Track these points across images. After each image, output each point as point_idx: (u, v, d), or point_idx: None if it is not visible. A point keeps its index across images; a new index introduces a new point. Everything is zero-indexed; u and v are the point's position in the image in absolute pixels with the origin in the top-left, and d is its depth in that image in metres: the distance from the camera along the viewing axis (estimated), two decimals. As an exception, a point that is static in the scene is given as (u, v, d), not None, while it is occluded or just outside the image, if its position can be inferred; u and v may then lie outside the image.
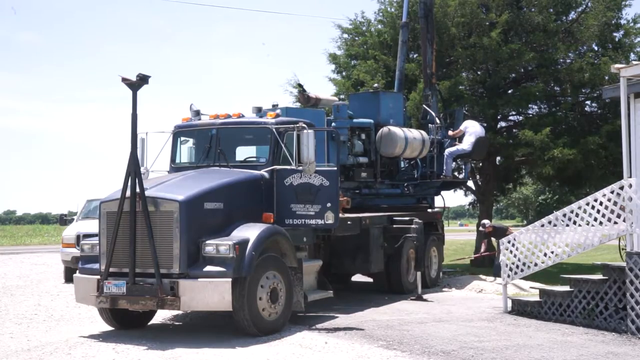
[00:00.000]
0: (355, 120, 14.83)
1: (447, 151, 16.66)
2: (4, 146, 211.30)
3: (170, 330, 10.65)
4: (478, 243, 20.40)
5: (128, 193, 9.54)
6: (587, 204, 10.74)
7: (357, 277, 15.89)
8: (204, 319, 11.45)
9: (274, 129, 10.96)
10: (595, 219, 10.62)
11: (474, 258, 18.90)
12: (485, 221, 17.52)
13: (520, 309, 11.56)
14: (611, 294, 10.15)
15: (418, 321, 10.87)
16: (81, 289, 10.14)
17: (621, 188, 10.25)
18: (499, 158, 20.50)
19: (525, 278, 13.23)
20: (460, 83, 19.65)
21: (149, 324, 10.85)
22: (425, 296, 13.52)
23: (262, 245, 9.73)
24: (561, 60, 19.62)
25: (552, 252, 11.27)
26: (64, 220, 19.26)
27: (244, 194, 10.44)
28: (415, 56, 20.35)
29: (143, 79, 9.81)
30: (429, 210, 17.07)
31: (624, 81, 10.31)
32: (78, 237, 15.90)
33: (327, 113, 15.26)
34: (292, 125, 11.01)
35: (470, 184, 21.21)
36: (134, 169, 9.61)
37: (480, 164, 20.62)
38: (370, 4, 45.26)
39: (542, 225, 11.49)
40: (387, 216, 14.33)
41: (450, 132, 16.96)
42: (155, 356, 8.48)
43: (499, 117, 20.49)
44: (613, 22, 19.57)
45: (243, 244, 9.45)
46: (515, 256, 11.84)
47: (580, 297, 10.56)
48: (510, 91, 20.38)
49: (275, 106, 12.59)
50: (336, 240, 12.75)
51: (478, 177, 21.54)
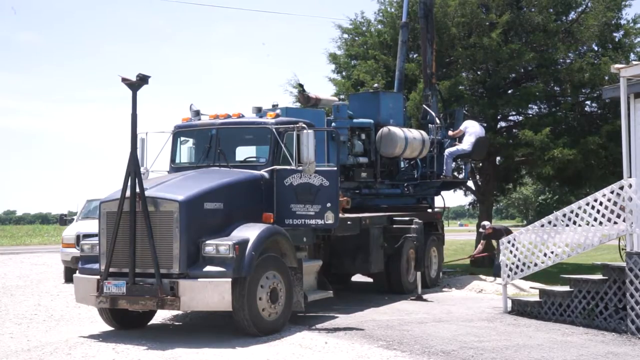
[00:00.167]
0: (355, 120, 14.83)
1: (447, 151, 16.66)
2: (4, 146, 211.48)
3: (170, 330, 10.65)
4: (478, 244, 20.39)
5: (128, 193, 9.54)
6: (587, 204, 10.74)
7: (357, 277, 15.89)
8: (204, 319, 11.45)
9: (273, 129, 10.95)
10: (595, 219, 10.62)
11: (473, 258, 18.88)
12: (486, 223, 17.52)
13: (520, 309, 11.56)
14: (611, 294, 10.15)
15: (418, 321, 10.87)
16: (81, 289, 10.15)
17: (621, 188, 10.25)
18: (499, 158, 20.49)
19: (525, 278, 13.22)
20: (460, 83, 19.66)
21: (149, 324, 10.85)
22: (425, 296, 13.52)
23: (262, 245, 9.73)
24: (561, 60, 19.62)
25: (552, 252, 11.27)
26: (64, 220, 19.27)
27: (244, 194, 10.44)
28: (415, 56, 20.35)
29: (143, 79, 9.81)
30: (429, 210, 17.10)
31: (624, 81, 10.31)
32: (78, 237, 15.91)
33: (327, 113, 15.25)
34: (292, 125, 11.00)
35: (470, 184, 21.21)
36: (134, 169, 9.61)
37: (480, 164, 20.62)
38: (370, 4, 45.33)
39: (542, 226, 11.48)
40: (387, 216, 14.33)
41: (450, 132, 16.96)
42: (155, 356, 8.48)
43: (499, 117, 20.49)
44: (613, 22, 19.57)
45: (243, 244, 9.45)
46: (515, 256, 11.83)
47: (580, 297, 10.56)
48: (510, 91, 20.38)
49: (275, 106, 12.59)
50: (336, 240, 12.75)
51: (478, 177, 21.53)
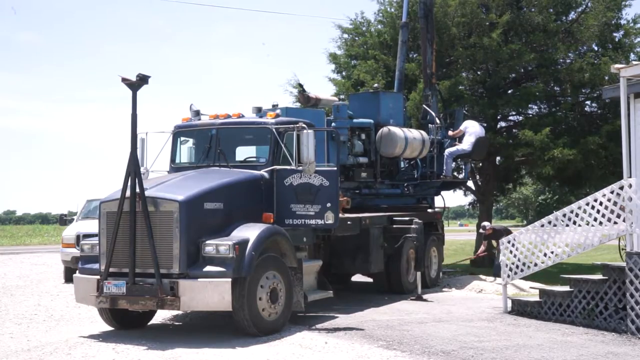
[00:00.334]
0: (355, 120, 14.83)
1: (447, 151, 16.66)
2: (4, 146, 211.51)
3: (170, 330, 10.65)
4: (478, 244, 20.41)
5: (128, 193, 9.54)
6: (587, 204, 10.74)
7: (357, 277, 15.88)
8: (204, 319, 11.45)
9: (273, 129, 10.95)
10: (595, 219, 10.62)
11: (474, 257, 18.89)
12: (485, 223, 17.51)
13: (520, 309, 11.56)
14: (611, 294, 10.15)
15: (418, 321, 10.87)
16: (81, 289, 10.14)
17: (621, 188, 10.24)
18: (499, 158, 20.49)
19: (525, 278, 13.22)
20: (460, 83, 19.66)
21: (149, 324, 10.85)
22: (425, 296, 13.52)
23: (262, 246, 9.73)
24: (561, 60, 19.63)
25: (552, 252, 11.27)
26: (63, 220, 19.27)
27: (244, 194, 10.44)
28: (415, 56, 20.35)
29: (143, 79, 9.81)
30: (429, 210, 17.09)
31: (623, 81, 10.31)
32: (78, 237, 15.91)
33: (327, 113, 15.25)
34: (292, 125, 11.00)
35: (470, 184, 21.21)
36: (134, 169, 9.61)
37: (480, 164, 20.62)
38: (370, 4, 45.32)
39: (542, 226, 11.48)
40: (387, 216, 14.33)
41: (450, 132, 16.96)
42: (155, 356, 8.48)
43: (499, 117, 20.49)
44: (613, 22, 19.58)
45: (243, 244, 9.45)
46: (515, 256, 11.83)
47: (580, 297, 10.56)
48: (510, 91, 20.38)
49: (275, 106, 12.59)
50: (336, 240, 12.74)
51: (478, 177, 21.53)
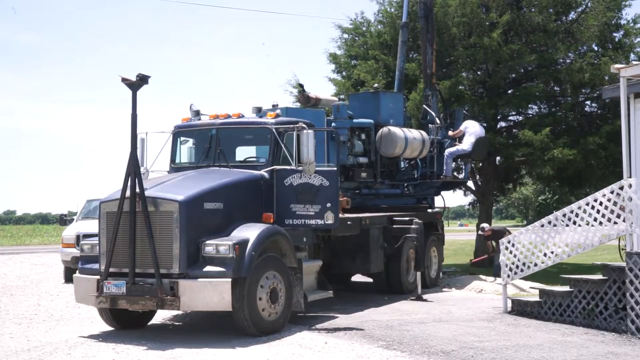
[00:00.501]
0: (355, 121, 14.83)
1: (447, 151, 16.66)
2: (4, 146, 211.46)
3: (170, 330, 10.65)
4: (478, 245, 20.39)
5: (128, 193, 9.54)
6: (587, 204, 10.74)
7: (357, 277, 15.88)
8: (204, 319, 11.45)
9: (273, 129, 10.95)
10: (595, 219, 10.61)
11: (480, 260, 18.81)
12: (485, 225, 17.50)
13: (520, 309, 11.56)
14: (611, 294, 10.15)
15: (418, 321, 10.86)
16: (81, 289, 10.15)
17: (621, 188, 10.24)
18: (498, 158, 20.48)
19: (525, 278, 13.22)
20: (460, 83, 19.65)
21: (149, 324, 10.85)
22: (425, 296, 13.52)
23: (262, 246, 9.73)
24: (561, 60, 19.62)
25: (552, 252, 11.26)
26: (63, 220, 19.27)
27: (244, 194, 10.44)
28: (415, 56, 20.34)
29: (143, 79, 9.81)
30: (429, 210, 17.09)
31: (623, 81, 10.31)
32: (78, 237, 15.92)
33: (327, 113, 15.24)
34: (292, 126, 11.00)
35: (470, 184, 21.20)
36: (134, 169, 9.61)
37: (480, 164, 20.61)
38: (370, 4, 45.36)
39: (542, 226, 11.48)
40: (387, 216, 14.32)
41: (450, 132, 16.96)
42: (155, 356, 8.48)
43: (499, 117, 20.49)
44: (613, 22, 19.58)
45: (243, 244, 9.45)
46: (515, 256, 11.82)
47: (580, 297, 10.55)
48: (510, 91, 20.37)
49: (275, 106, 12.59)
50: (336, 241, 12.73)
51: (478, 177, 21.52)
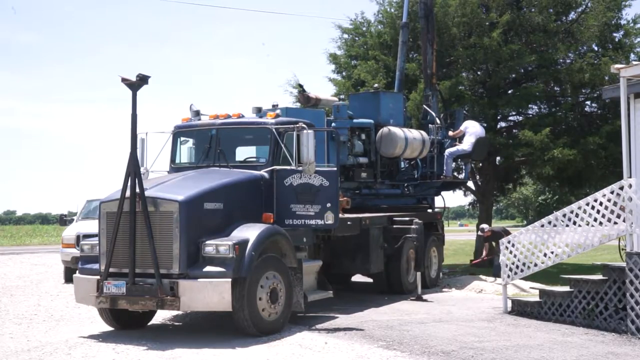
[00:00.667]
0: (355, 121, 14.83)
1: (447, 151, 16.66)
2: (4, 146, 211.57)
3: (170, 330, 10.65)
4: (478, 246, 20.38)
5: (128, 193, 9.54)
6: (587, 204, 10.73)
7: (357, 277, 15.88)
8: (204, 319, 11.45)
9: (273, 129, 10.95)
10: (595, 219, 10.61)
11: (479, 261, 18.80)
12: (484, 225, 17.49)
13: (520, 309, 11.56)
14: (611, 294, 10.14)
15: (418, 321, 10.86)
16: (81, 289, 10.14)
17: (621, 188, 10.24)
18: (499, 158, 20.48)
19: (525, 278, 13.21)
20: (460, 83, 19.66)
21: (149, 324, 10.85)
22: (425, 296, 13.52)
23: (262, 246, 9.73)
24: (561, 60, 19.62)
25: (552, 253, 11.26)
26: (63, 220, 19.27)
27: (244, 194, 10.44)
28: (415, 56, 20.34)
29: (143, 79, 9.81)
30: (429, 210, 17.10)
31: (624, 81, 10.31)
32: (78, 237, 15.91)
33: (327, 113, 15.24)
34: (292, 126, 11.00)
35: (470, 184, 21.20)
36: (134, 169, 9.61)
37: (480, 164, 20.61)
38: (370, 4, 45.30)
39: (542, 226, 11.48)
40: (387, 216, 14.32)
41: (451, 133, 16.96)
42: (155, 356, 8.48)
43: (499, 118, 20.48)
44: (613, 22, 19.57)
45: (243, 244, 9.45)
46: (515, 256, 11.82)
47: (580, 297, 10.55)
48: (510, 91, 20.36)
49: (275, 106, 12.59)
50: (336, 241, 12.73)
51: (478, 177, 21.52)
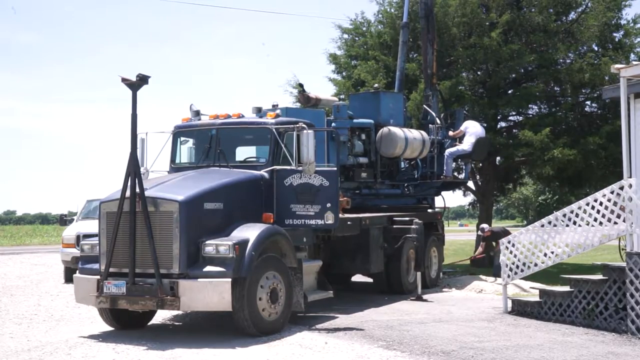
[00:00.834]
0: (355, 121, 14.83)
1: (448, 151, 16.66)
2: (4, 146, 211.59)
3: (170, 330, 10.65)
4: (477, 246, 20.39)
5: (128, 193, 9.54)
6: (587, 204, 10.73)
7: (357, 277, 15.88)
8: (204, 319, 11.45)
9: (273, 129, 10.95)
10: (595, 219, 10.61)
11: (473, 259, 18.90)
12: (484, 225, 17.51)
13: (520, 309, 11.56)
14: (611, 294, 10.14)
15: (418, 321, 10.86)
16: (81, 289, 10.15)
17: (621, 188, 10.24)
18: (499, 158, 20.49)
19: (525, 278, 13.21)
20: (460, 83, 19.68)
21: (149, 324, 10.85)
22: (425, 296, 13.52)
23: (262, 246, 9.73)
24: (561, 60, 19.63)
25: (552, 253, 11.26)
26: (64, 220, 19.27)
27: (244, 194, 10.44)
28: (415, 56, 20.35)
29: (143, 79, 9.81)
30: (429, 210, 17.10)
31: (624, 81, 10.31)
32: (78, 237, 15.91)
33: (327, 113, 15.24)
34: (292, 126, 11.00)
35: (470, 184, 21.20)
36: (134, 169, 9.61)
37: (480, 165, 20.62)
38: (370, 5, 45.31)
39: (542, 226, 11.48)
40: (387, 216, 14.32)
41: (451, 133, 16.96)
42: (155, 356, 8.48)
43: (499, 118, 20.50)
44: (613, 22, 19.59)
45: (243, 244, 9.45)
46: (515, 256, 11.82)
47: (580, 297, 10.55)
48: (510, 91, 20.38)
49: (275, 106, 12.59)
50: (336, 241, 12.73)
51: (478, 177, 21.53)
